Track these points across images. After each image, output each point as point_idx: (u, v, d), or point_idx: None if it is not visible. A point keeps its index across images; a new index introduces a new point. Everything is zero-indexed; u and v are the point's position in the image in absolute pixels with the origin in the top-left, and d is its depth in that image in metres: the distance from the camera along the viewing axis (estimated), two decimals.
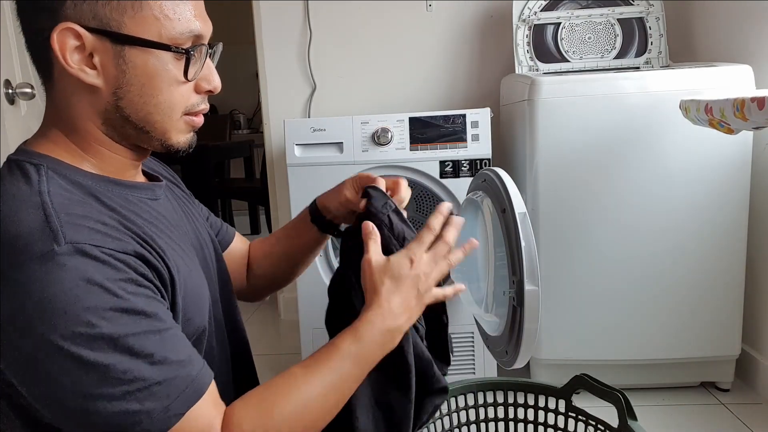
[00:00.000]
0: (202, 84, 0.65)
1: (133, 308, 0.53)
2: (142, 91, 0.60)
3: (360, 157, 1.65)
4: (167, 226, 0.67)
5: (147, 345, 0.53)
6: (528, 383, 1.17)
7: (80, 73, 0.58)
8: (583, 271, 1.61)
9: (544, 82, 1.55)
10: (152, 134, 0.64)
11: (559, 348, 1.65)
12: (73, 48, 0.57)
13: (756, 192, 1.59)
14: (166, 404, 0.53)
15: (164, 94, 0.61)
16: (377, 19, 2.18)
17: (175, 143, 0.65)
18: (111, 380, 0.51)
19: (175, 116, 0.64)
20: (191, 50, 0.61)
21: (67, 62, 0.57)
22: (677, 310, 1.59)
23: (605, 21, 1.90)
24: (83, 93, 0.60)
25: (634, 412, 0.99)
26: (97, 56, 0.58)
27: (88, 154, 0.63)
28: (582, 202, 1.58)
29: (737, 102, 1.02)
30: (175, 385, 0.54)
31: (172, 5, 0.59)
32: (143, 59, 0.59)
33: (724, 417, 1.54)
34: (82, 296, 0.51)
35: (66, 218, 0.53)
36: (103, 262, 0.53)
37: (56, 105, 0.62)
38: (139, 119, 0.62)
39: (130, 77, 0.59)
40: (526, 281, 1.07)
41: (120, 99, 0.60)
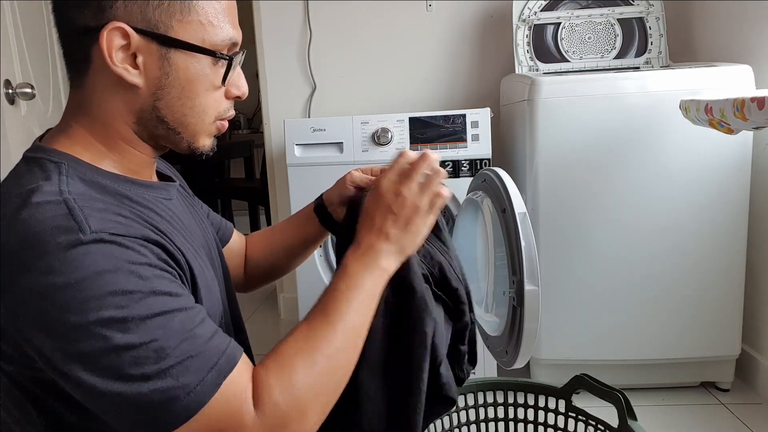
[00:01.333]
0: (232, 90, 0.67)
1: (159, 289, 0.54)
2: (182, 94, 0.62)
3: (360, 157, 1.65)
4: (181, 226, 0.68)
5: (176, 322, 0.54)
6: (528, 383, 1.17)
7: (123, 72, 0.59)
8: (583, 271, 1.61)
9: (544, 82, 1.55)
10: (183, 136, 0.65)
11: (559, 348, 1.65)
12: (119, 47, 0.58)
13: (756, 192, 1.59)
14: (201, 377, 0.53)
15: (201, 97, 0.64)
16: (377, 19, 2.18)
17: (201, 146, 0.67)
18: (145, 360, 0.51)
19: (208, 120, 0.66)
20: (232, 57, 0.64)
21: (112, 60, 0.58)
22: (677, 310, 1.59)
23: (605, 21, 1.90)
24: (120, 91, 0.61)
25: (634, 412, 0.99)
26: (141, 56, 0.59)
27: (111, 151, 0.64)
28: (582, 202, 1.58)
29: (737, 102, 1.02)
30: (208, 357, 0.54)
31: (216, 13, 0.62)
32: (186, 63, 0.61)
33: (724, 417, 1.54)
34: (109, 280, 0.51)
35: (88, 211, 0.54)
36: (127, 247, 0.54)
37: (86, 101, 0.62)
38: (174, 120, 0.64)
39: (172, 79, 0.61)
40: (526, 281, 1.07)
41: (159, 100, 0.62)
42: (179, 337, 0.53)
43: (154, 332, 0.52)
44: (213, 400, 0.53)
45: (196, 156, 0.68)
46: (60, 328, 0.51)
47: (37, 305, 0.51)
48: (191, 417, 0.52)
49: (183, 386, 0.52)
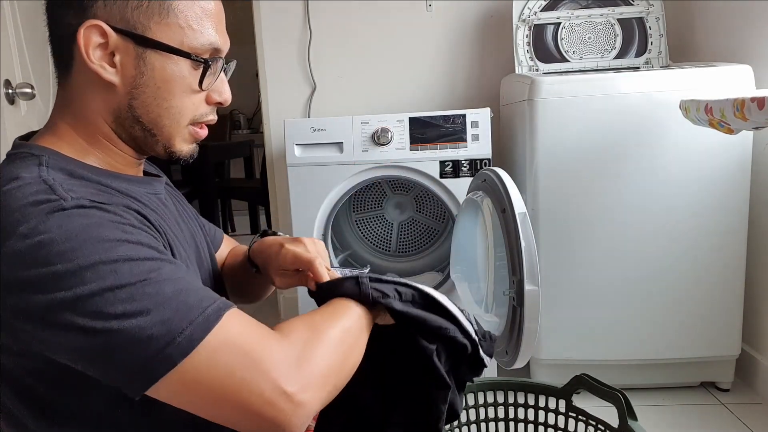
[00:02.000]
0: (214, 95, 0.68)
1: (147, 243, 0.55)
2: (156, 94, 0.63)
3: (360, 157, 1.65)
4: (165, 220, 0.68)
5: (166, 267, 0.54)
6: (528, 383, 1.17)
7: (100, 69, 0.60)
8: (583, 271, 1.61)
9: (544, 82, 1.55)
10: (158, 138, 0.66)
11: (559, 348, 1.65)
12: (97, 45, 0.60)
13: (756, 192, 1.59)
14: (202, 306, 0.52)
15: (176, 99, 0.64)
16: (377, 19, 2.18)
17: (177, 150, 0.68)
18: (139, 296, 0.50)
19: (183, 123, 0.66)
20: (209, 61, 0.64)
21: (89, 57, 0.60)
22: (677, 310, 1.59)
23: (605, 21, 1.90)
24: (99, 89, 0.62)
25: (635, 412, 0.99)
26: (118, 55, 0.61)
27: (94, 148, 0.65)
28: (582, 202, 1.58)
29: (737, 102, 1.02)
30: (204, 295, 0.54)
31: (197, 17, 0.63)
32: (162, 63, 0.62)
33: (724, 417, 1.54)
34: (94, 232, 0.52)
35: (68, 187, 0.56)
36: (109, 211, 0.55)
37: (70, 99, 0.64)
38: (149, 121, 0.64)
39: (147, 79, 0.62)
40: (526, 281, 1.08)
41: (134, 99, 0.63)
42: (171, 275, 0.53)
43: (145, 272, 0.52)
44: (219, 327, 0.52)
45: (173, 161, 0.69)
46: (49, 280, 0.50)
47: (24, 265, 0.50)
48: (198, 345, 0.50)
49: (183, 317, 0.51)
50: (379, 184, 1.93)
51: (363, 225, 1.99)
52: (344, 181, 1.67)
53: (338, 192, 1.68)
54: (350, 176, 1.67)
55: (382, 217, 1.98)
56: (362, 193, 1.95)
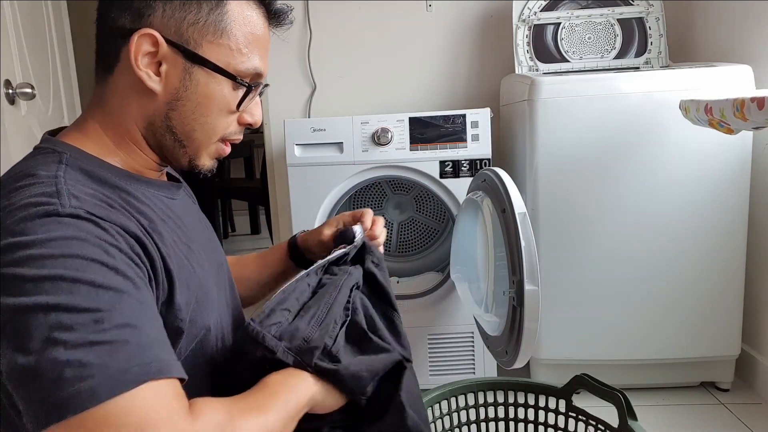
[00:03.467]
0: (246, 117, 0.70)
1: (123, 271, 0.52)
2: (196, 109, 0.65)
3: (360, 157, 1.65)
4: (179, 225, 0.68)
5: (127, 306, 0.51)
6: (528, 383, 1.17)
7: (145, 76, 0.62)
8: (583, 271, 1.61)
9: (544, 82, 1.55)
10: (187, 150, 0.67)
11: (559, 348, 1.65)
12: (146, 52, 0.61)
13: (756, 192, 1.60)
14: (125, 367, 0.48)
15: (213, 116, 0.66)
16: (377, 19, 2.18)
17: (201, 164, 0.69)
18: (79, 326, 0.47)
19: (213, 139, 0.68)
20: (252, 86, 0.66)
21: (137, 63, 0.61)
22: (677, 310, 1.59)
23: (605, 21, 1.90)
24: (139, 94, 0.64)
25: (635, 412, 0.99)
26: (165, 65, 0.62)
27: (119, 149, 0.66)
28: (582, 202, 1.58)
29: (737, 102, 1.02)
30: (142, 354, 0.49)
31: (247, 42, 0.65)
32: (207, 80, 0.64)
33: (724, 417, 1.54)
34: (74, 245, 0.51)
35: (75, 192, 0.55)
36: (102, 228, 0.54)
37: (105, 97, 0.65)
38: (182, 133, 0.66)
39: (190, 93, 0.64)
40: (526, 281, 1.08)
41: (173, 110, 0.64)
42: (124, 320, 0.50)
43: (101, 303, 0.49)
44: (128, 394, 0.47)
45: (195, 174, 0.70)
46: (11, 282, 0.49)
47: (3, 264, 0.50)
48: (97, 404, 0.46)
49: (102, 366, 0.47)
50: (379, 184, 1.93)
51: None
52: (344, 181, 1.67)
53: (338, 192, 1.68)
54: (350, 176, 1.67)
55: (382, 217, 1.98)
56: (362, 193, 1.95)
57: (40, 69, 1.71)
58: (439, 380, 1.69)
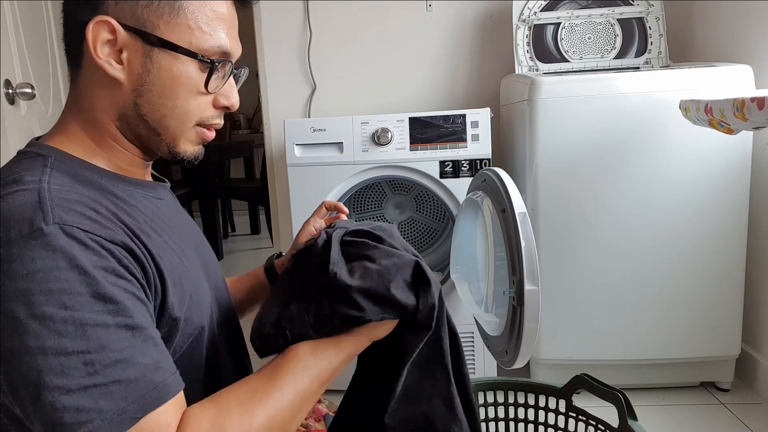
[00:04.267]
0: (221, 99, 0.67)
1: (111, 297, 0.52)
2: (162, 93, 0.63)
3: (360, 157, 1.65)
4: (167, 226, 0.67)
5: (116, 340, 0.51)
6: (528, 383, 1.17)
7: (106, 65, 0.61)
8: (583, 271, 1.61)
9: (544, 82, 1.55)
10: (163, 137, 0.66)
11: (559, 348, 1.65)
12: (105, 41, 0.60)
13: (756, 192, 1.60)
14: (122, 406, 0.49)
15: (181, 99, 0.64)
16: (377, 19, 2.18)
17: (182, 151, 0.67)
18: (71, 371, 0.48)
19: (188, 124, 0.66)
20: (216, 63, 0.64)
21: (96, 53, 0.60)
22: (677, 310, 1.59)
23: (605, 21, 1.90)
24: (106, 86, 0.63)
25: (635, 412, 0.99)
26: (126, 52, 0.61)
27: (101, 149, 0.65)
28: (582, 202, 1.58)
29: (737, 102, 1.02)
30: (136, 388, 0.51)
31: (208, 20, 0.63)
32: (169, 62, 0.62)
33: (724, 417, 1.54)
34: (62, 277, 0.50)
35: (59, 201, 0.54)
36: (88, 246, 0.53)
37: (79, 97, 0.65)
38: (154, 120, 0.64)
39: (153, 77, 0.62)
40: (526, 281, 1.08)
41: (139, 96, 0.63)
42: (114, 357, 0.50)
43: (90, 343, 0.49)
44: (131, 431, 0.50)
45: (177, 162, 0.69)
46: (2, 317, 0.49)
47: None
48: None
49: (99, 410, 0.48)
50: (379, 184, 1.93)
51: None
52: (344, 181, 1.67)
53: (338, 192, 1.68)
54: (350, 176, 1.67)
55: (382, 217, 1.98)
56: (362, 193, 1.95)
57: (40, 69, 1.71)
58: None
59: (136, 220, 0.61)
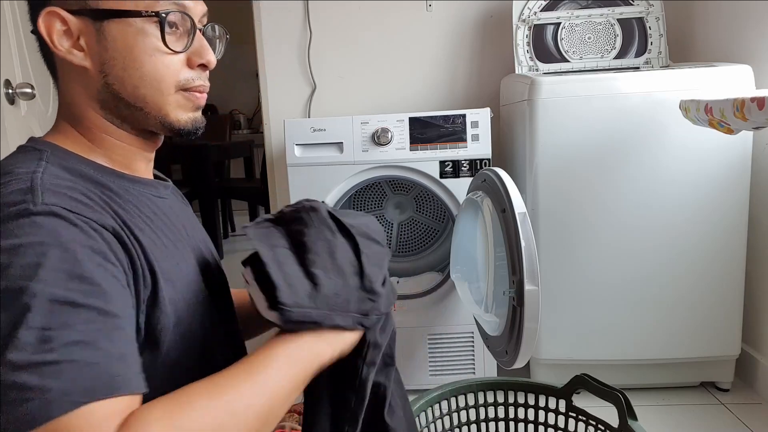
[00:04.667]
0: (194, 58, 0.65)
1: (90, 278, 0.51)
2: (125, 64, 0.61)
3: (360, 157, 1.65)
4: (165, 224, 0.67)
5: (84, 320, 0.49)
6: (528, 383, 1.17)
7: (68, 56, 0.61)
8: (583, 271, 1.61)
9: (544, 82, 1.55)
10: (147, 110, 0.64)
11: (559, 348, 1.65)
12: (61, 32, 0.60)
13: (756, 192, 1.60)
14: (67, 387, 0.46)
15: (147, 65, 0.62)
16: (377, 19, 2.18)
17: (174, 120, 0.65)
18: (25, 346, 0.46)
19: (166, 90, 0.63)
20: (163, 14, 0.61)
21: (55, 45, 0.60)
22: (677, 310, 1.59)
23: (605, 21, 1.90)
24: (77, 78, 0.63)
25: (635, 412, 0.99)
26: (83, 38, 0.61)
27: (97, 146, 0.65)
28: (582, 202, 1.58)
29: (737, 102, 1.02)
30: (90, 372, 0.47)
31: None
32: (120, 30, 0.60)
33: (724, 417, 1.54)
34: (42, 252, 0.49)
35: (50, 186, 0.54)
36: (76, 225, 0.52)
37: (62, 97, 0.65)
38: (129, 95, 0.63)
39: (112, 52, 0.61)
40: (526, 281, 1.08)
41: (107, 75, 0.62)
42: (76, 337, 0.48)
43: (54, 320, 0.48)
44: (64, 417, 0.45)
45: (178, 133, 0.66)
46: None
47: None
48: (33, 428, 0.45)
49: (42, 389, 0.45)
50: (379, 184, 1.93)
51: None
52: (344, 181, 1.67)
53: (338, 192, 1.68)
54: (350, 176, 1.67)
55: (382, 217, 1.98)
56: (362, 193, 1.95)
57: (40, 69, 1.71)
58: (439, 380, 1.69)
59: (129, 213, 0.60)
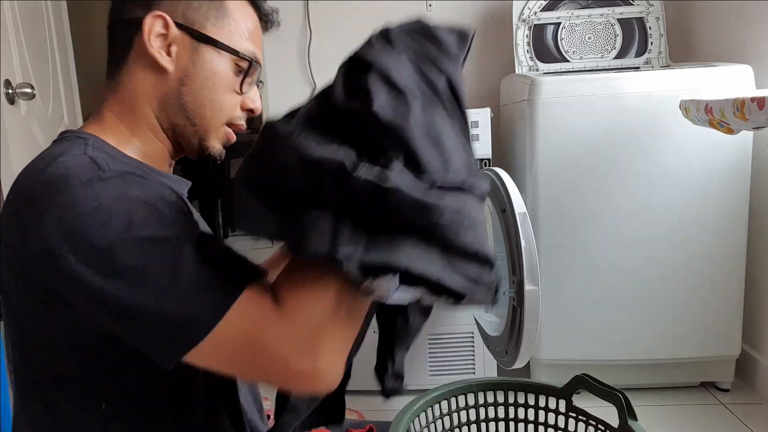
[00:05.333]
0: (248, 102, 0.74)
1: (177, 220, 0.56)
2: (204, 84, 0.70)
3: None
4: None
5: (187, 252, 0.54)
6: (528, 383, 1.17)
7: (157, 55, 0.67)
8: (583, 271, 1.61)
9: (544, 82, 1.55)
10: (198, 128, 0.71)
11: (559, 348, 1.65)
12: (158, 34, 0.67)
13: (756, 192, 1.59)
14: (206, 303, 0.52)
15: (219, 93, 0.71)
16: (377, 19, 2.17)
17: (210, 146, 0.74)
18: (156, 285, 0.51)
19: (220, 119, 0.72)
20: (253, 62, 0.72)
21: (150, 43, 0.67)
22: (677, 310, 1.59)
23: (605, 21, 1.90)
24: (152, 75, 0.69)
25: (635, 412, 0.99)
26: (175, 46, 0.68)
27: (135, 136, 0.70)
28: (582, 202, 1.58)
29: (737, 102, 1.02)
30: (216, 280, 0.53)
31: (244, 29, 0.71)
32: (212, 57, 0.70)
33: (724, 417, 1.54)
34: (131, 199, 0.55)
35: (111, 161, 0.60)
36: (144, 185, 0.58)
37: (120, 86, 0.70)
38: (193, 109, 0.70)
39: (198, 69, 0.69)
40: (526, 281, 1.08)
41: (183, 86, 0.69)
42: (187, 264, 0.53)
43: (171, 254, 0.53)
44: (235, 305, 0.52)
45: (204, 157, 0.74)
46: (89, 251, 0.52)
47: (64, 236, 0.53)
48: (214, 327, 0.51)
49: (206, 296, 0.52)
50: None
51: None
52: None
53: None
54: None
55: None
56: None
57: (40, 69, 1.71)
58: (439, 380, 1.69)
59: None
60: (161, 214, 0.55)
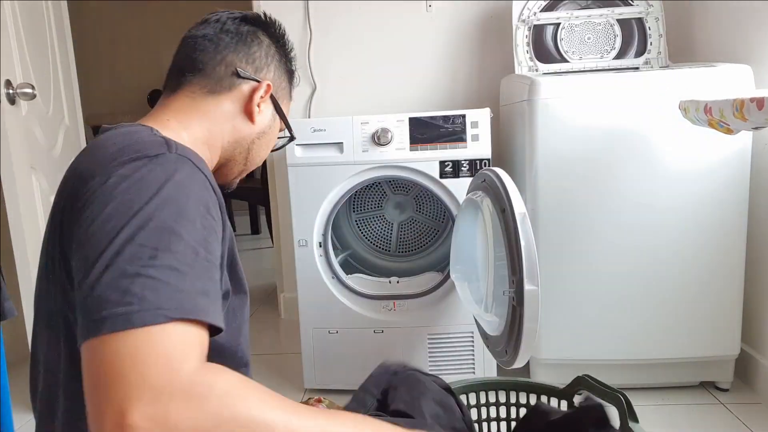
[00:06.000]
0: None
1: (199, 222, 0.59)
2: (268, 143, 0.90)
3: (360, 157, 1.65)
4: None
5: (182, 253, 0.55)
6: (528, 383, 1.17)
7: (256, 110, 0.84)
8: (583, 271, 1.61)
9: (544, 82, 1.55)
10: (244, 170, 0.90)
11: (559, 348, 1.65)
12: (259, 97, 0.85)
13: (756, 192, 1.60)
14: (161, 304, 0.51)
15: (266, 151, 0.92)
16: (377, 19, 2.18)
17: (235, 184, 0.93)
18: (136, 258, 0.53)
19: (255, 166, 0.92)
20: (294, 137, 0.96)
21: (256, 101, 0.84)
22: (677, 310, 1.60)
23: (605, 21, 1.90)
24: (240, 118, 0.85)
25: (635, 413, 0.99)
26: (263, 107, 0.86)
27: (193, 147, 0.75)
28: (582, 202, 1.58)
29: (737, 102, 1.02)
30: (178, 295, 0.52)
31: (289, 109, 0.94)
32: (277, 126, 0.91)
33: (723, 417, 1.54)
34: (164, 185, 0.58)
35: (182, 147, 0.66)
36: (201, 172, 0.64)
37: (206, 110, 0.81)
38: (254, 156, 0.89)
39: (271, 132, 0.90)
40: (525, 281, 1.08)
41: (258, 139, 0.87)
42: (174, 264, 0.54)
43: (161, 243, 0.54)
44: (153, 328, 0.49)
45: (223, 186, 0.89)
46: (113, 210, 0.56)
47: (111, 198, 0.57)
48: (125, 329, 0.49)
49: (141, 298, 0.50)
50: (379, 184, 1.93)
51: (363, 225, 1.99)
52: (344, 181, 1.67)
53: (338, 192, 1.68)
54: (350, 176, 1.67)
55: (382, 217, 1.98)
56: (362, 193, 1.95)
57: (40, 69, 1.71)
58: None
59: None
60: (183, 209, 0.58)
